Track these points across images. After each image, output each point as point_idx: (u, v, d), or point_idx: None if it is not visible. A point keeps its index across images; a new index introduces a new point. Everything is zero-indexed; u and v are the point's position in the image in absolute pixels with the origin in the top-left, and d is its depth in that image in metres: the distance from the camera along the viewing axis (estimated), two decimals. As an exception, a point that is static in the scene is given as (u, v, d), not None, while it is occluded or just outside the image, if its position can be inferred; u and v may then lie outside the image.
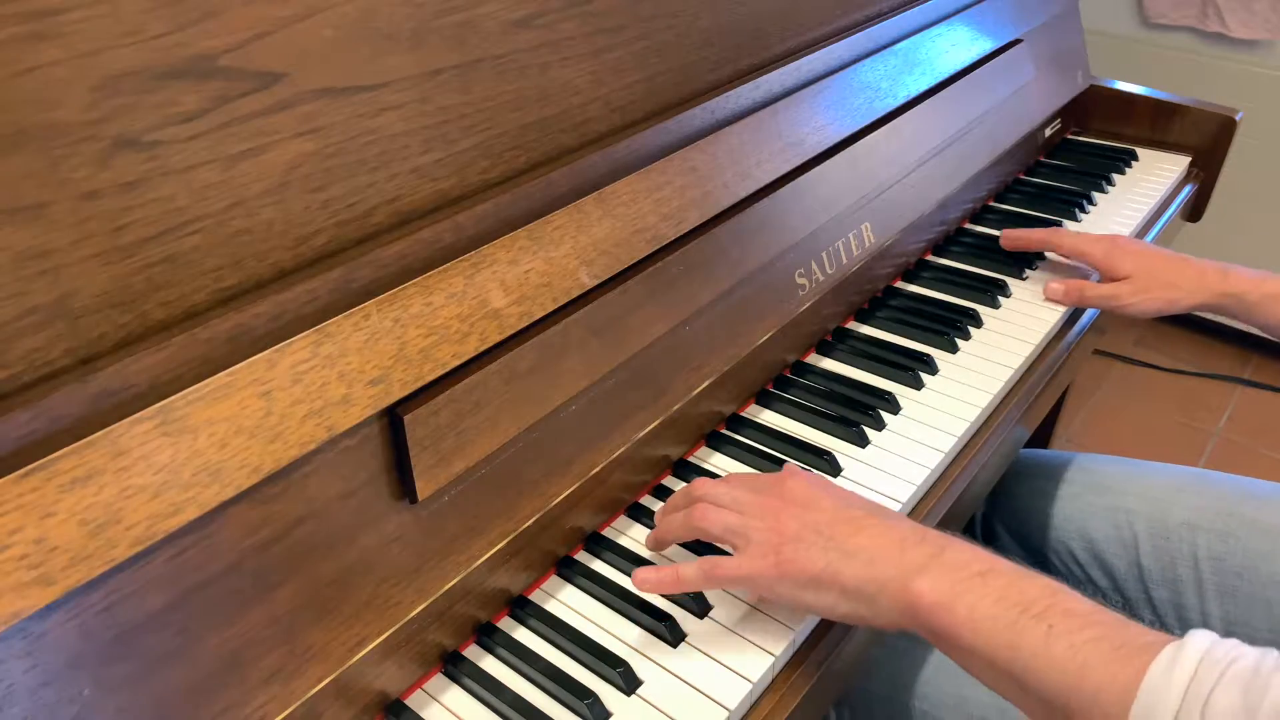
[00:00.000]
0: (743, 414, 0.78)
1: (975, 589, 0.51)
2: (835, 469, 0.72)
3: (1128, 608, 0.87)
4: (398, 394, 0.50)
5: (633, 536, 0.67)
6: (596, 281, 0.60)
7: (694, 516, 0.60)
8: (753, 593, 0.60)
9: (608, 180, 0.62)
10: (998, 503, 0.97)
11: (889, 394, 0.79)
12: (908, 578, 0.53)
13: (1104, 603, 0.89)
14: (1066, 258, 0.96)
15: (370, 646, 0.52)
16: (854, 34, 0.83)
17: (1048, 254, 0.99)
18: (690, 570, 0.58)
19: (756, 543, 0.57)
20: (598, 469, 0.64)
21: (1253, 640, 0.44)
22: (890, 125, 0.86)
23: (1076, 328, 0.91)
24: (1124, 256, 0.89)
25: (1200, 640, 0.45)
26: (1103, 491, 0.89)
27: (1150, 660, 0.45)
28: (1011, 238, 0.97)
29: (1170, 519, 0.84)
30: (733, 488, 0.61)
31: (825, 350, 0.86)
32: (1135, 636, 0.47)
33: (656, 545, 0.64)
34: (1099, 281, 0.92)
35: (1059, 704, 0.48)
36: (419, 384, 0.51)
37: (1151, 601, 0.85)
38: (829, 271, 0.81)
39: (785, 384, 0.81)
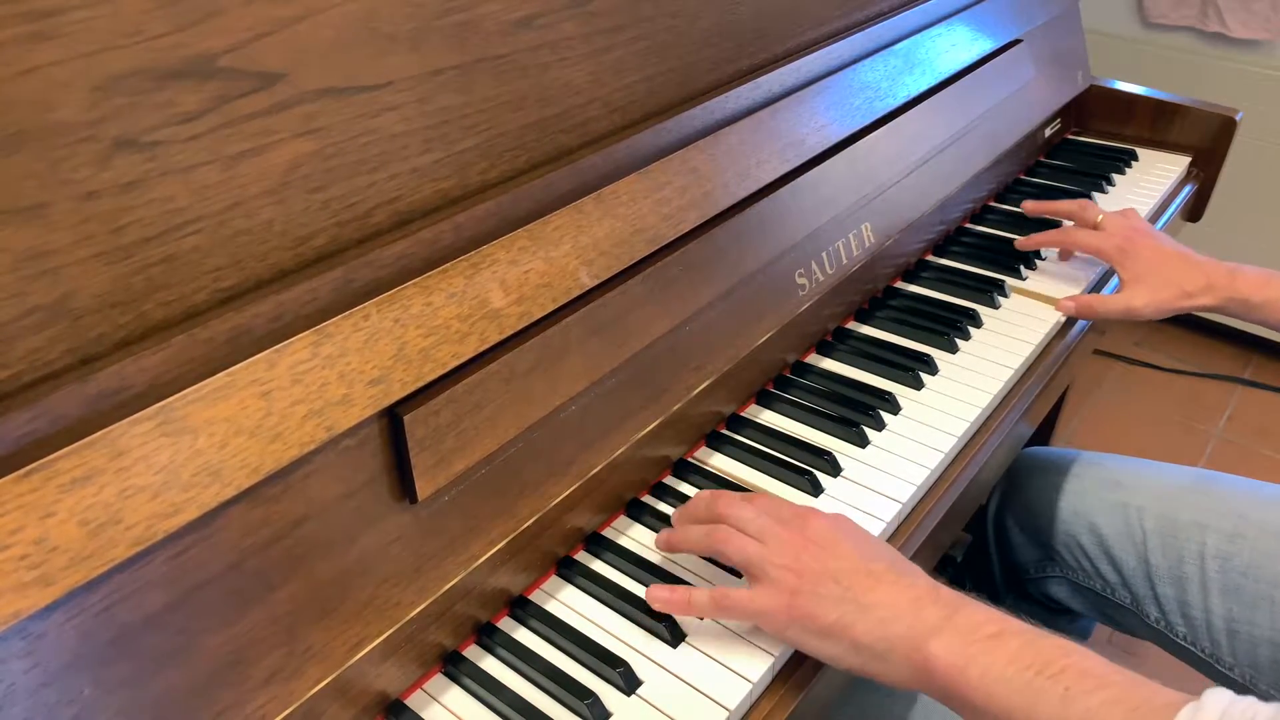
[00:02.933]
0: (743, 414, 0.78)
1: (989, 651, 0.51)
2: (835, 469, 0.72)
3: (1134, 603, 0.87)
4: (398, 394, 0.50)
5: (633, 537, 0.67)
6: (596, 282, 0.60)
7: (715, 539, 0.59)
8: (763, 629, 0.59)
9: (608, 180, 0.62)
10: (1008, 496, 0.98)
11: (889, 394, 0.79)
12: (921, 639, 0.52)
13: (1111, 596, 0.90)
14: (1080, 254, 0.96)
15: (370, 646, 0.52)
16: (854, 34, 0.83)
17: (1045, 254, 0.99)
18: (701, 596, 0.58)
19: (772, 579, 0.56)
20: (598, 469, 0.64)
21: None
22: (890, 125, 0.86)
23: (1076, 328, 0.91)
24: (1136, 258, 0.88)
25: (1217, 700, 0.45)
26: (1114, 487, 0.90)
27: None
28: (1027, 243, 0.96)
29: (1180, 517, 0.85)
30: (758, 513, 0.59)
31: (825, 350, 0.86)
32: (1151, 697, 0.47)
33: (668, 549, 0.64)
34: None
35: None
36: (419, 384, 0.51)
37: (1157, 598, 0.85)
38: (829, 271, 0.81)
39: (785, 384, 0.81)
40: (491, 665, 0.59)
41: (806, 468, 0.71)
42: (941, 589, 0.56)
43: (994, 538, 1.00)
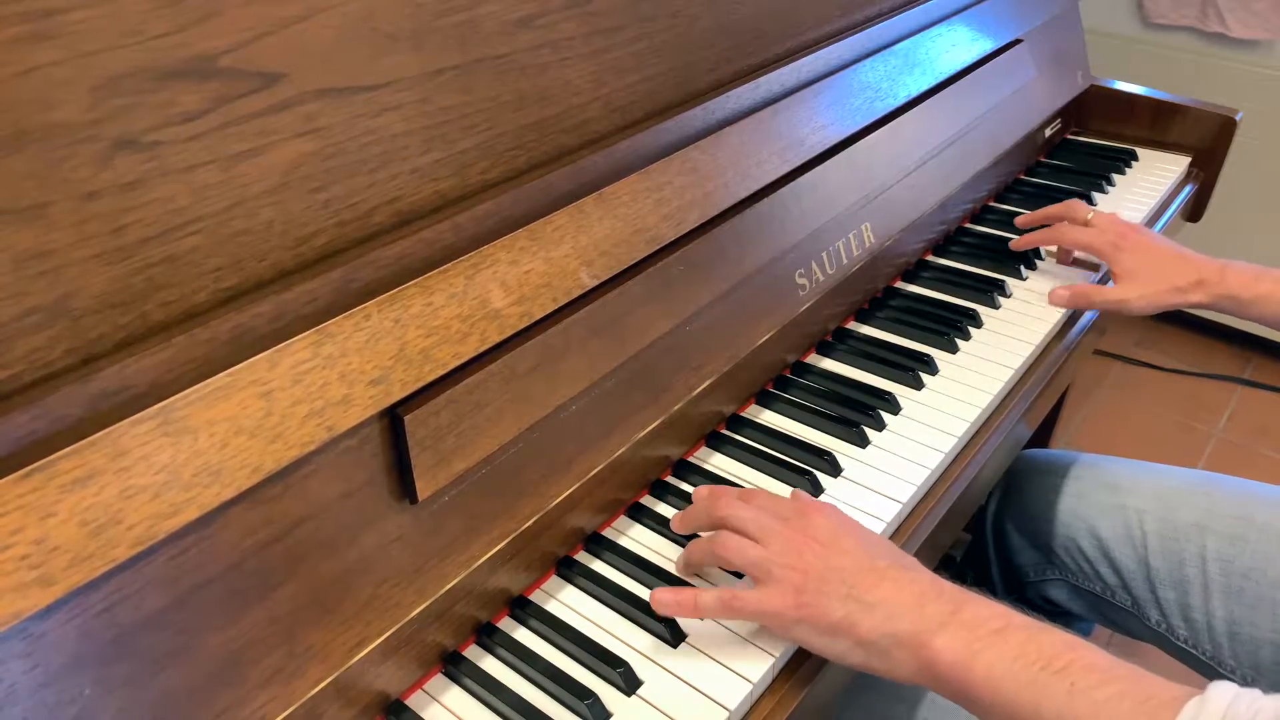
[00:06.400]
0: (743, 414, 0.78)
1: (993, 646, 0.51)
2: (835, 469, 0.72)
3: (1135, 606, 0.87)
4: (398, 394, 0.50)
5: (633, 537, 0.67)
6: (597, 281, 0.60)
7: (717, 546, 0.59)
8: (770, 628, 0.59)
9: (608, 180, 0.62)
10: (1007, 499, 0.97)
11: (889, 394, 0.79)
12: (926, 635, 0.52)
13: (1111, 599, 0.89)
14: (1073, 250, 0.96)
15: (370, 647, 0.52)
16: (854, 34, 0.83)
17: (1045, 253, 0.99)
18: (709, 598, 0.57)
19: (778, 579, 0.56)
20: (598, 469, 0.64)
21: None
22: (890, 125, 0.86)
23: (1076, 328, 0.91)
24: (1130, 253, 0.90)
25: (1222, 694, 0.45)
26: (1113, 490, 0.90)
27: (1173, 717, 0.44)
28: (1020, 243, 0.98)
29: (1180, 519, 0.85)
30: (758, 513, 0.59)
31: (825, 350, 0.86)
32: (1157, 691, 0.47)
33: (685, 569, 0.63)
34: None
35: None
36: (419, 384, 0.51)
37: (1158, 601, 0.85)
38: (829, 272, 0.81)
39: (785, 384, 0.81)
40: (491, 665, 0.59)
41: (806, 468, 0.72)
42: (945, 584, 0.56)
43: (993, 541, 1.00)
